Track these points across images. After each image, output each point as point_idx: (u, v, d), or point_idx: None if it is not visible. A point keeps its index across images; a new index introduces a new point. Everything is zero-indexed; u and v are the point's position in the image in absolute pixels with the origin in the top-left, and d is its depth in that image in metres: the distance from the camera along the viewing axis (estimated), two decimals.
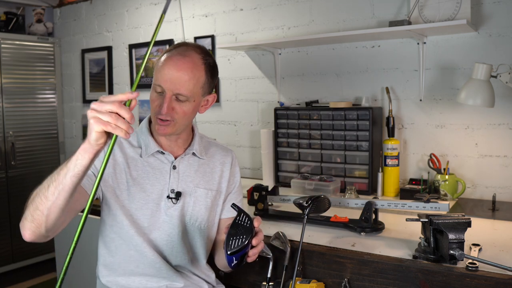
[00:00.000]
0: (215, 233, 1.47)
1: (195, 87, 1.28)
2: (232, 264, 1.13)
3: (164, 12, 0.95)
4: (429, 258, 1.28)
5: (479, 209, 1.87)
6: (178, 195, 1.35)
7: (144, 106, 3.27)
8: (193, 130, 1.44)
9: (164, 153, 1.36)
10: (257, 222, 1.17)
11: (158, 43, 3.12)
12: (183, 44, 1.32)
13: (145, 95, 3.09)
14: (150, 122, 1.40)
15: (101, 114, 0.89)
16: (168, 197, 1.34)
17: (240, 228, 1.13)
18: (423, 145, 2.20)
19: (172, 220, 1.35)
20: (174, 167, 1.36)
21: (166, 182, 1.35)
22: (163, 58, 1.29)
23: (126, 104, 0.93)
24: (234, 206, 1.20)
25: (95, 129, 0.90)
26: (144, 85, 3.18)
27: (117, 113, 0.90)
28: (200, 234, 1.40)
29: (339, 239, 1.52)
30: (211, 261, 1.49)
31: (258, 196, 1.81)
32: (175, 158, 1.37)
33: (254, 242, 1.15)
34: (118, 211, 1.30)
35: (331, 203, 1.54)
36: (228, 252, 1.11)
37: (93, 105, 0.90)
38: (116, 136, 0.91)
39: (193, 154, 1.40)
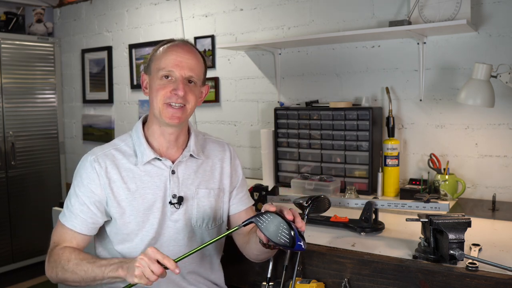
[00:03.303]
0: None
1: (200, 71, 1.32)
2: (303, 247, 1.10)
3: None
4: (429, 258, 1.28)
5: (479, 209, 1.87)
6: (180, 199, 1.33)
7: (144, 106, 3.27)
8: (189, 129, 1.42)
9: (161, 159, 1.32)
10: (271, 207, 1.14)
11: (159, 43, 3.12)
12: (175, 39, 1.36)
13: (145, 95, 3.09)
14: (143, 125, 1.37)
15: (148, 273, 1.06)
16: (170, 202, 1.32)
17: (270, 225, 1.11)
18: (423, 145, 2.20)
19: (176, 225, 1.33)
20: (173, 172, 1.33)
21: (167, 188, 1.32)
22: (162, 49, 1.31)
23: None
24: (246, 224, 1.16)
25: (137, 279, 1.07)
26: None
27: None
28: (209, 235, 1.38)
29: (339, 239, 1.52)
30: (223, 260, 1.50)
31: (258, 196, 1.81)
32: (173, 162, 1.34)
33: (289, 217, 1.12)
34: (126, 229, 1.29)
35: (331, 203, 1.54)
36: (290, 245, 1.09)
37: (146, 261, 1.07)
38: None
39: (191, 155, 1.37)
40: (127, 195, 1.29)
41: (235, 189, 1.46)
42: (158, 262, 1.07)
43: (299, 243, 1.09)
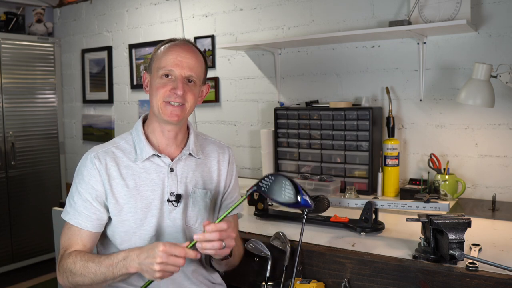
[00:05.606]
0: None
1: (200, 71, 1.34)
2: (310, 203, 1.11)
3: None
4: (429, 258, 1.28)
5: (479, 209, 1.87)
6: (178, 197, 1.33)
7: (144, 106, 3.27)
8: (188, 128, 1.43)
9: (160, 156, 1.33)
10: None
11: (159, 43, 3.12)
12: (176, 39, 1.38)
13: (145, 95, 3.10)
14: (143, 123, 1.38)
15: (170, 268, 1.09)
16: (168, 200, 1.33)
17: (273, 186, 1.14)
18: (423, 145, 2.20)
19: (175, 223, 1.34)
20: (172, 170, 1.34)
21: (165, 185, 1.33)
22: (163, 48, 1.33)
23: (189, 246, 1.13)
24: (249, 193, 1.22)
25: (157, 276, 1.09)
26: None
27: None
28: None
29: (339, 239, 1.51)
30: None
31: (258, 196, 1.81)
32: (172, 160, 1.35)
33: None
34: (123, 227, 1.29)
35: (331, 203, 1.54)
36: (295, 201, 1.11)
37: (164, 257, 1.09)
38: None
39: (190, 154, 1.38)
40: (126, 192, 1.29)
41: (226, 194, 1.47)
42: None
43: (304, 197, 1.08)
